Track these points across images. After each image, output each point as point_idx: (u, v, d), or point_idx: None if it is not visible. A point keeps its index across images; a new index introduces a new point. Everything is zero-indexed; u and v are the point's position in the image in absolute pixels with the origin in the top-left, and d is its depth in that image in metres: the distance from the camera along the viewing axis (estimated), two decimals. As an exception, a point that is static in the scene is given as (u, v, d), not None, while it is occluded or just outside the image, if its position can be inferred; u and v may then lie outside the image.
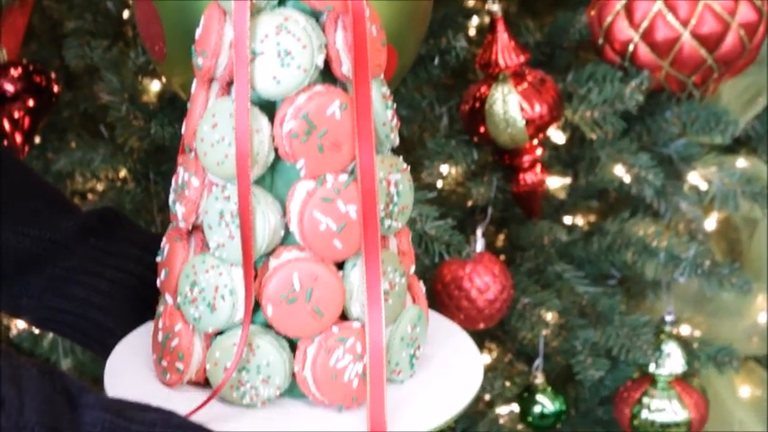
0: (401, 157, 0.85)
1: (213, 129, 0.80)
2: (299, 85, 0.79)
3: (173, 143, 1.32)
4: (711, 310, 1.62)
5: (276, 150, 0.80)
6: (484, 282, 1.32)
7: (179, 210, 0.84)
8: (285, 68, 0.78)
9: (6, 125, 1.39)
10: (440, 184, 1.37)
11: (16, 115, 1.40)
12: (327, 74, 0.81)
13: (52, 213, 0.98)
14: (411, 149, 1.39)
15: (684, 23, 1.33)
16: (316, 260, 0.80)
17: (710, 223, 1.59)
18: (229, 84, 0.82)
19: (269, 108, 0.80)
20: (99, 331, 0.98)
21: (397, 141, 0.85)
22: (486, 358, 1.45)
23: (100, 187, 1.44)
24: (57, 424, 0.71)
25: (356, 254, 0.81)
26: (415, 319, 0.85)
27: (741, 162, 1.55)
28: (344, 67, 0.80)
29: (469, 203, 1.39)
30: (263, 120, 0.80)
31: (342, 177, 0.80)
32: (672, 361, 1.40)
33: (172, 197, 0.86)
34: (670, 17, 1.34)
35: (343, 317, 0.82)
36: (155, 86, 1.40)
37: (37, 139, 1.46)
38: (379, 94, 0.82)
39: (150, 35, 1.18)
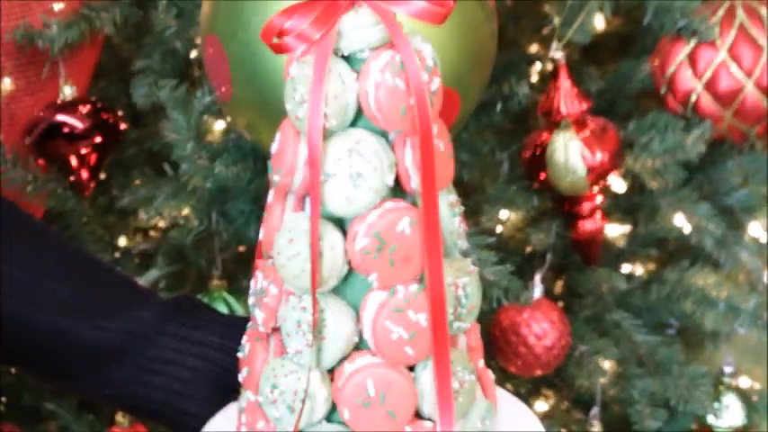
0: (469, 260, 0.87)
1: (289, 243, 0.83)
2: (370, 204, 0.82)
3: (236, 183, 1.33)
4: (771, 362, 1.60)
5: (349, 263, 0.83)
6: (541, 328, 1.32)
7: (258, 315, 0.88)
8: (357, 189, 0.81)
9: (73, 161, 1.42)
10: (499, 229, 1.37)
11: (83, 152, 1.42)
12: (397, 188, 0.84)
13: (127, 305, 1.01)
14: (471, 194, 1.39)
15: (748, 74, 1.33)
16: (388, 365, 0.83)
17: (771, 274, 1.58)
18: (304, 196, 0.85)
19: (341, 221, 0.84)
20: (183, 417, 1.01)
21: (465, 246, 0.88)
22: (543, 405, 1.44)
23: (162, 224, 1.46)
24: None
25: (427, 357, 0.84)
26: (484, 414, 0.88)
27: (802, 213, 1.54)
28: (413, 183, 0.83)
29: (528, 249, 1.39)
30: (336, 236, 0.83)
31: (412, 287, 0.83)
32: (731, 413, 1.39)
33: (251, 300, 0.89)
34: (733, 68, 1.34)
35: (417, 415, 0.85)
36: (219, 126, 1.42)
37: (102, 176, 1.48)
38: (446, 203, 0.85)
39: (217, 76, 1.20)
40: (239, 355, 0.92)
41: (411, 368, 0.84)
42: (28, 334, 0.99)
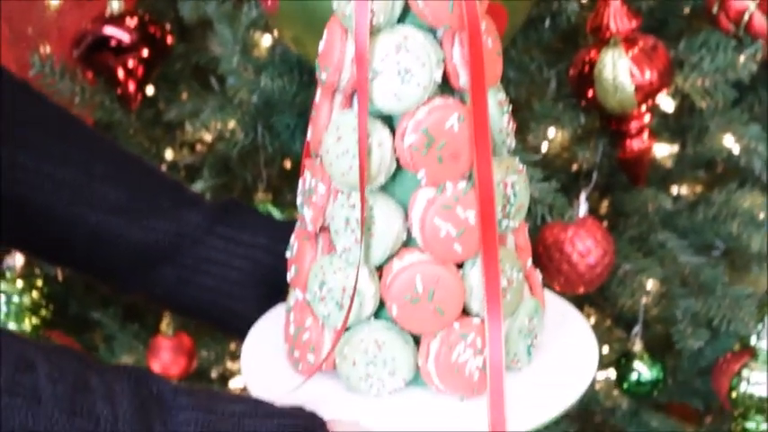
0: (517, 159, 0.87)
1: (338, 141, 0.83)
2: (419, 101, 0.82)
3: (282, 97, 1.33)
4: (816, 284, 1.58)
5: (398, 160, 0.84)
6: (585, 246, 1.31)
7: (307, 213, 0.88)
8: (405, 86, 0.81)
9: (120, 74, 1.42)
10: (545, 147, 1.36)
11: (130, 64, 1.42)
12: (445, 85, 0.84)
13: (175, 206, 1.02)
14: (518, 111, 1.38)
15: (803, -7, 1.31)
16: (437, 262, 0.84)
17: (819, 196, 1.55)
18: (352, 94, 0.85)
19: (390, 119, 0.84)
20: (231, 317, 1.03)
21: (513, 145, 0.87)
22: (585, 323, 1.44)
23: (208, 138, 1.46)
24: (150, 430, 0.77)
25: (475, 254, 0.84)
26: (532, 312, 0.88)
27: None
28: (462, 80, 0.83)
29: (574, 168, 1.38)
30: (384, 133, 0.83)
31: (460, 185, 0.83)
32: (775, 335, 1.38)
33: (299, 200, 0.90)
34: (788, -14, 1.31)
35: (464, 312, 0.85)
36: (266, 41, 1.42)
37: (150, 91, 1.49)
38: (495, 101, 0.85)
39: (264, -12, 1.20)
40: (287, 254, 0.92)
41: (459, 265, 0.85)
42: (79, 234, 1.00)
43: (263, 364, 0.93)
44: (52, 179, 0.99)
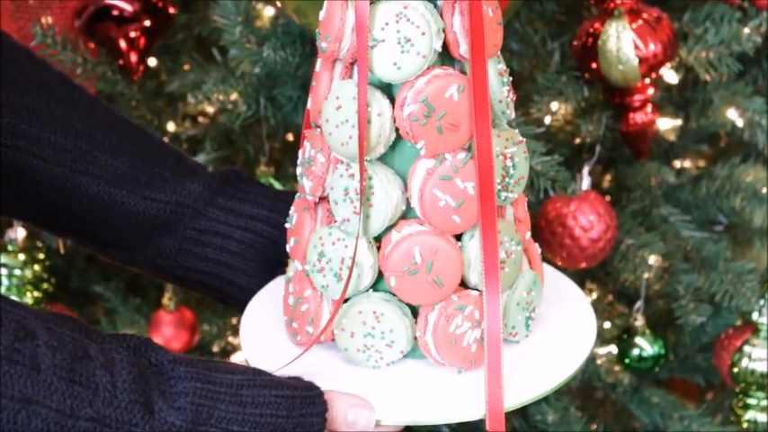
0: (517, 130, 0.87)
1: (337, 111, 0.83)
2: (419, 70, 0.82)
3: (284, 68, 1.33)
4: (819, 259, 1.58)
5: (397, 130, 0.84)
6: (588, 220, 1.31)
7: (306, 184, 0.88)
8: (405, 55, 0.81)
9: (122, 44, 1.42)
10: (548, 120, 1.35)
11: (132, 35, 1.42)
12: (445, 55, 0.84)
13: (176, 177, 1.02)
14: (521, 84, 1.37)
15: (808, -36, 1.30)
16: (435, 233, 0.84)
17: (822, 171, 1.55)
18: (352, 64, 0.85)
19: (389, 89, 0.83)
20: (232, 288, 1.03)
21: (512, 116, 0.87)
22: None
23: (211, 110, 1.46)
24: (148, 399, 0.77)
25: (474, 226, 0.84)
26: (530, 285, 0.88)
27: None
28: (462, 49, 0.83)
29: (577, 141, 1.38)
30: (384, 103, 0.83)
31: (460, 155, 0.83)
32: (777, 310, 1.38)
33: (299, 170, 0.90)
34: (793, -43, 1.30)
35: (462, 284, 0.85)
36: (268, 12, 1.41)
37: (152, 62, 1.48)
38: (495, 71, 0.85)
39: (266, -41, 1.19)
40: (287, 225, 0.92)
41: (458, 237, 0.85)
42: (80, 203, 1.00)
43: (262, 335, 0.94)
44: (54, 147, 0.99)
